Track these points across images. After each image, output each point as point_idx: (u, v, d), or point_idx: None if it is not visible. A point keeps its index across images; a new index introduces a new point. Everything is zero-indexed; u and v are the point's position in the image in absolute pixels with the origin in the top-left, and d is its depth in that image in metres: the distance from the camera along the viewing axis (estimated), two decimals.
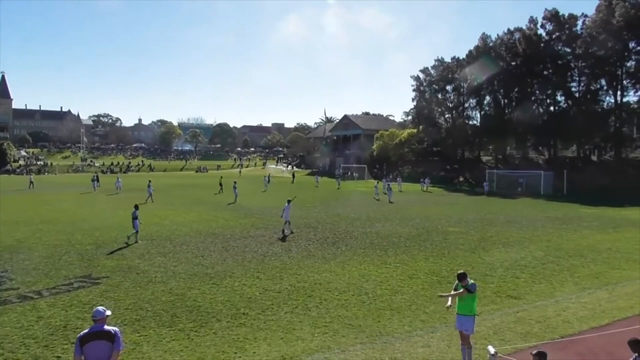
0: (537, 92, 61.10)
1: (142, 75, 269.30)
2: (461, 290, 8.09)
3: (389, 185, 41.36)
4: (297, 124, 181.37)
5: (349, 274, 14.20)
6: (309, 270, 14.66)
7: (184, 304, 11.31)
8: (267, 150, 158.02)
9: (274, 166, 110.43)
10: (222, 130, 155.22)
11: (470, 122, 71.47)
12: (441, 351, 8.75)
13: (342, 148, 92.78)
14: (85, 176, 64.96)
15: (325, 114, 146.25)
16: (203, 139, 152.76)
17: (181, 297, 11.78)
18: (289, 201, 21.88)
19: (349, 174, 71.02)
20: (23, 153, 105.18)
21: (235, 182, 39.66)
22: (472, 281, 8.23)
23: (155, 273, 14.07)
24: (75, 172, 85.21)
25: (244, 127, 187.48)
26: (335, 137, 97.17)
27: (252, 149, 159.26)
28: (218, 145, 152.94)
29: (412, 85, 73.86)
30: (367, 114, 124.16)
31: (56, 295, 11.81)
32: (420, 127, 73.11)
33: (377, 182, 46.96)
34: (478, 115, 70.38)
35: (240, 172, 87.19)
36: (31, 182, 49.53)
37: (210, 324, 10.06)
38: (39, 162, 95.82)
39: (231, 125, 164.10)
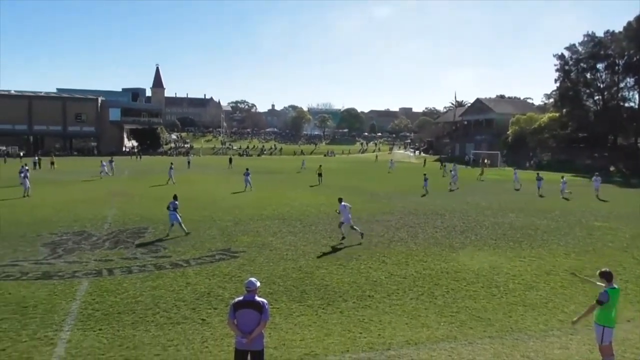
0: None
1: (275, 64, 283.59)
2: (592, 304, 7.21)
3: (453, 172, 37.65)
4: (426, 108, 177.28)
5: (479, 265, 13.63)
6: (435, 258, 14.37)
7: (313, 281, 11.81)
8: (393, 135, 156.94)
9: (401, 151, 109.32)
10: (349, 115, 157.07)
11: (626, 104, 63.57)
12: (581, 355, 8.02)
13: (473, 133, 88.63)
14: (225, 158, 70.07)
15: (455, 97, 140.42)
16: (331, 123, 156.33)
17: (310, 275, 12.31)
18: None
19: (480, 160, 67.68)
20: (173, 137, 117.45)
21: (247, 169, 33.02)
22: (615, 285, 7.18)
23: (287, 251, 14.88)
24: (215, 154, 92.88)
25: (371, 111, 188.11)
26: (465, 122, 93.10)
27: (379, 133, 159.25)
28: (345, 130, 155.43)
29: (555, 65, 66.85)
30: (501, 97, 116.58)
31: (201, 265, 13.10)
32: (564, 110, 66.36)
33: (517, 170, 44.04)
34: (637, 96, 62.34)
35: (377, 157, 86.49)
36: (189, 162, 55.98)
37: (336, 303, 10.38)
38: (185, 145, 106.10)
39: (359, 110, 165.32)
